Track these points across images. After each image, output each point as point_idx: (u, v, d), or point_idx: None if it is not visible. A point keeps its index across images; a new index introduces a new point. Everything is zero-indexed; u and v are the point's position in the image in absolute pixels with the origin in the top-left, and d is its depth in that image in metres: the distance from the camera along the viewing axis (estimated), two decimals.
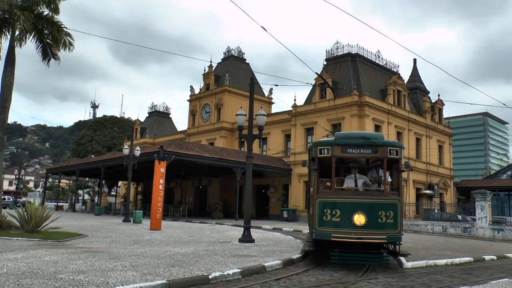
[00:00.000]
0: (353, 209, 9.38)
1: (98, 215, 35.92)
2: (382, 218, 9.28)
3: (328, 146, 9.98)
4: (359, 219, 9.21)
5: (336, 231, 9.36)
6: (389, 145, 9.81)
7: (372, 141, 9.96)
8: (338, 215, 9.46)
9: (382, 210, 9.34)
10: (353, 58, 43.15)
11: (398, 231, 9.41)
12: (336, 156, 9.92)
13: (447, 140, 49.92)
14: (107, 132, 68.59)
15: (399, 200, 9.60)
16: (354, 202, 9.58)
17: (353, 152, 9.94)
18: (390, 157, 9.81)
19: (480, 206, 25.74)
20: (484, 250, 15.74)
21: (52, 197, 77.09)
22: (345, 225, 9.33)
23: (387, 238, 9.37)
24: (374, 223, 9.27)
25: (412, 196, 41.69)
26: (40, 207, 14.62)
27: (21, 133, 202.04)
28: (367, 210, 9.34)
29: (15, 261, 8.07)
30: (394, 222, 9.35)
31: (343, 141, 10.02)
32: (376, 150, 9.87)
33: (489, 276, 9.49)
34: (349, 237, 9.21)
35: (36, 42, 17.53)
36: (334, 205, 9.61)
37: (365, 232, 9.20)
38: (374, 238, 9.23)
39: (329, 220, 9.50)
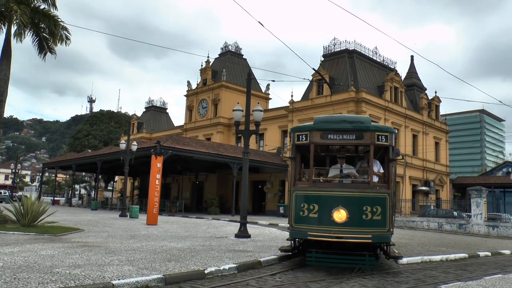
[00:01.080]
0: (333, 203, 8.24)
1: (95, 210, 35.90)
2: (367, 215, 8.09)
3: (306, 132, 8.82)
4: (340, 215, 8.06)
5: (313, 229, 8.29)
6: (376, 130, 8.57)
7: (357, 125, 8.68)
8: (316, 210, 8.32)
9: (367, 205, 8.14)
10: (351, 54, 43.18)
11: (386, 230, 8.16)
12: (315, 143, 8.78)
13: (444, 137, 50.07)
14: (104, 127, 68.46)
15: (388, 194, 8.33)
16: (334, 195, 8.43)
17: (335, 138, 8.70)
18: (378, 144, 8.59)
19: (475, 202, 25.89)
20: (479, 247, 15.84)
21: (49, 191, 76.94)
22: (324, 222, 8.22)
23: (373, 238, 8.08)
24: (357, 220, 8.11)
25: (408, 192, 41.84)
26: (36, 202, 14.61)
27: (17, 127, 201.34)
28: (349, 205, 8.18)
29: (11, 255, 8.08)
30: (381, 220, 8.11)
31: (323, 126, 8.80)
32: (361, 136, 8.60)
33: (483, 272, 9.56)
34: (327, 236, 8.12)
35: (33, 36, 17.48)
36: (312, 199, 8.48)
37: (346, 231, 8.06)
38: (356, 238, 8.05)
39: (306, 216, 8.38)
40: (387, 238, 8.34)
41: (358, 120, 8.93)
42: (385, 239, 8.39)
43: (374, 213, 8.09)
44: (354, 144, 9.31)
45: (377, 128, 8.70)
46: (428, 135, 46.81)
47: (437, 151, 48.59)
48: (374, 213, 8.09)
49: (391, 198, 8.37)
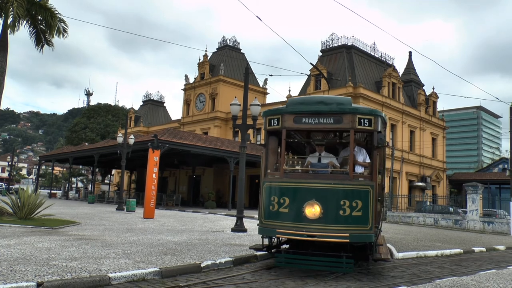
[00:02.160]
0: (305, 197, 7.23)
1: (92, 203, 35.90)
2: (345, 210, 7.07)
3: (278, 115, 7.81)
4: (313, 210, 7.07)
5: (283, 226, 7.34)
6: (358, 113, 7.46)
7: (334, 107, 7.58)
8: (287, 204, 7.35)
9: (345, 199, 7.12)
10: (349, 49, 43.15)
11: (368, 228, 7.08)
12: (287, 127, 7.76)
13: (441, 133, 50.19)
14: (101, 120, 68.27)
15: (371, 187, 7.24)
16: (307, 188, 7.40)
17: (309, 122, 7.62)
18: (359, 129, 7.48)
19: (471, 198, 26.00)
20: (474, 242, 15.93)
21: (45, 184, 76.87)
22: (295, 218, 7.25)
23: (351, 237, 7.01)
24: (333, 216, 7.11)
25: (404, 188, 41.98)
26: (33, 194, 14.60)
27: (14, 119, 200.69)
28: (323, 199, 7.16)
29: (8, 248, 8.09)
30: (362, 216, 7.07)
31: (296, 108, 7.77)
32: (340, 119, 7.49)
33: (478, 268, 9.63)
34: (297, 234, 7.21)
35: (30, 28, 17.41)
36: (282, 192, 7.52)
37: (320, 228, 7.08)
38: (331, 237, 7.07)
39: (276, 211, 7.45)
40: (369, 238, 7.16)
41: (336, 101, 7.75)
42: (366, 239, 7.19)
43: (353, 208, 7.06)
44: (332, 129, 8.07)
45: (359, 111, 7.57)
46: (425, 131, 46.91)
47: (434, 147, 48.72)
48: (354, 208, 7.06)
49: (375, 191, 7.27)
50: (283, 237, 7.48)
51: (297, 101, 8.10)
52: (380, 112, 7.82)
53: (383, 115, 7.89)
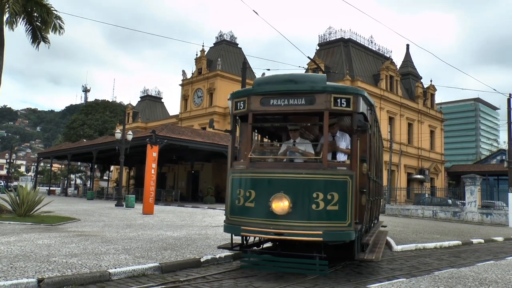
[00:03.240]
0: (273, 189, 6.33)
1: (91, 200, 35.92)
2: (319, 204, 6.16)
3: (244, 97, 6.92)
4: (281, 204, 6.17)
5: (249, 222, 6.48)
6: (333, 91, 6.46)
7: (306, 85, 6.61)
8: (253, 198, 6.49)
9: (318, 191, 6.21)
10: (346, 43, 43.12)
11: (347, 224, 6.19)
12: (254, 111, 6.79)
13: (439, 125, 50.28)
14: (99, 116, 68.20)
15: (350, 177, 6.32)
16: (274, 178, 6.49)
17: (278, 104, 6.63)
18: (335, 110, 6.49)
19: (469, 190, 26.10)
20: (472, 234, 16.00)
21: (44, 181, 76.83)
22: (262, 213, 6.36)
23: (325, 235, 6.09)
24: (304, 211, 6.22)
25: (403, 180, 42.09)
26: (32, 191, 14.60)
27: (11, 116, 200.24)
28: (293, 191, 6.25)
29: (7, 245, 8.10)
30: (339, 210, 6.18)
31: (262, 89, 6.79)
32: (312, 100, 6.49)
33: (476, 259, 9.68)
34: (263, 232, 6.39)
35: (26, 25, 17.32)
36: (248, 184, 6.68)
37: (289, 225, 6.18)
38: (301, 235, 6.19)
39: (241, 206, 6.62)
40: (347, 235, 6.24)
41: (308, 79, 6.79)
42: (344, 237, 6.26)
43: (328, 202, 6.16)
44: (304, 111, 6.85)
45: (335, 89, 6.55)
46: (423, 124, 46.97)
47: (432, 140, 48.82)
48: (329, 202, 6.16)
49: (356, 182, 6.38)
50: (247, 235, 6.65)
51: (264, 80, 7.09)
52: (361, 91, 6.84)
53: (365, 94, 6.92)
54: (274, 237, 6.57)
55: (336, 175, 6.40)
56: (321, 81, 6.63)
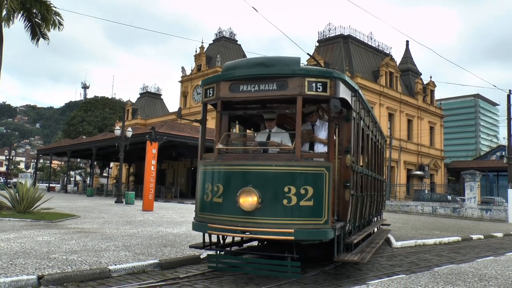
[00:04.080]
0: (240, 183, 5.82)
1: (90, 196, 35.93)
2: (290, 199, 5.61)
3: (213, 84, 6.40)
4: (249, 199, 5.63)
5: (216, 220, 5.97)
6: (308, 75, 5.89)
7: (277, 69, 6.01)
8: (221, 193, 6.00)
9: (290, 185, 5.65)
10: (345, 39, 43.06)
11: (323, 221, 5.64)
12: (223, 98, 6.27)
13: (439, 122, 50.28)
14: (99, 113, 68.13)
15: (327, 168, 5.75)
16: (243, 171, 5.98)
17: (248, 89, 6.08)
18: (310, 95, 5.88)
19: (469, 186, 26.13)
20: (472, 230, 16.03)
21: (44, 178, 76.85)
22: (230, 209, 5.85)
23: (297, 234, 5.55)
24: (274, 206, 5.66)
25: (403, 177, 42.12)
26: (32, 188, 14.60)
27: (10, 113, 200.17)
28: (263, 185, 5.70)
29: (7, 241, 8.10)
30: (314, 206, 5.63)
31: (232, 74, 6.26)
32: (285, 84, 5.92)
33: (476, 255, 9.69)
34: (230, 230, 5.87)
35: (25, 21, 17.31)
36: (216, 177, 6.18)
37: (257, 222, 5.66)
38: (270, 233, 5.66)
39: (210, 202, 6.13)
40: (323, 234, 5.72)
41: (280, 62, 6.13)
42: (319, 235, 5.74)
43: (301, 197, 5.61)
44: (276, 98, 6.23)
45: (309, 72, 5.99)
46: (423, 120, 46.97)
47: (432, 136, 48.83)
48: (302, 197, 5.61)
49: (333, 175, 5.89)
50: (213, 233, 6.13)
51: (233, 65, 6.49)
52: (340, 74, 6.21)
53: (346, 78, 6.33)
54: (241, 236, 6.14)
55: (310, 167, 5.85)
56: (294, 64, 6.03)
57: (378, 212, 11.20)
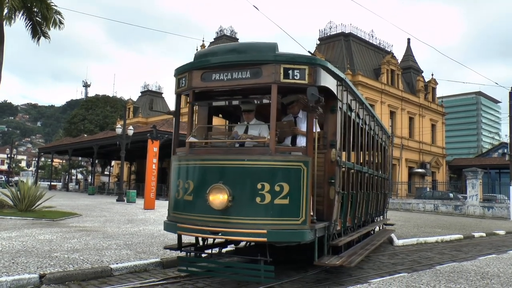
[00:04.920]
0: (210, 179, 5.36)
1: (92, 195, 35.97)
2: (264, 197, 5.14)
3: (185, 73, 5.98)
4: (220, 197, 5.16)
5: (186, 219, 5.56)
6: (283, 61, 5.39)
7: (250, 55, 5.58)
8: (191, 190, 5.56)
9: (264, 182, 5.18)
10: (347, 37, 42.99)
11: (300, 221, 5.18)
12: (195, 87, 5.87)
13: (440, 119, 50.20)
14: (100, 111, 68.13)
15: (305, 163, 5.28)
16: (213, 166, 5.54)
17: (221, 78, 5.65)
18: (286, 83, 5.40)
19: (471, 184, 26.10)
20: (474, 227, 16.01)
21: (45, 176, 76.92)
22: (199, 207, 5.42)
23: (270, 235, 5.10)
24: (246, 205, 5.21)
25: (404, 175, 42.08)
26: (33, 186, 14.61)
27: (11, 112, 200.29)
28: (234, 182, 5.25)
29: (9, 240, 8.10)
30: (290, 205, 5.17)
31: (203, 61, 5.83)
32: (259, 72, 5.45)
33: (478, 253, 9.68)
34: (199, 230, 5.42)
35: (26, 20, 17.28)
36: (187, 174, 5.75)
37: (228, 222, 5.21)
38: (241, 234, 5.23)
39: (181, 200, 5.72)
40: (300, 235, 5.23)
41: (254, 48, 5.72)
42: (295, 237, 5.26)
43: (276, 194, 5.15)
44: (250, 87, 5.76)
45: (285, 58, 5.46)
46: (425, 118, 46.90)
47: (434, 133, 48.77)
48: (277, 194, 5.15)
49: (311, 170, 5.36)
50: (183, 234, 5.69)
51: (205, 52, 6.06)
52: (321, 61, 5.77)
53: (329, 65, 5.87)
54: (211, 237, 5.70)
55: (286, 162, 5.34)
56: (269, 50, 5.55)
57: (379, 211, 10.74)
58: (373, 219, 10.16)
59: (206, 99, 6.68)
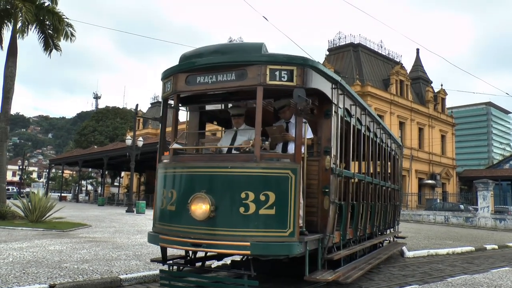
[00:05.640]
0: (192, 188, 5.09)
1: (102, 206, 36.10)
2: (248, 207, 4.83)
3: (171, 76, 5.69)
4: (203, 207, 4.88)
5: (169, 230, 5.27)
6: (269, 62, 5.08)
7: (234, 56, 5.30)
8: (174, 199, 5.28)
9: (248, 191, 4.87)
10: (356, 48, 43.08)
11: (287, 233, 4.84)
12: (180, 91, 5.60)
13: (450, 130, 49.88)
14: (110, 123, 68.64)
15: (293, 171, 4.95)
16: (196, 174, 5.25)
17: (206, 81, 5.33)
18: (273, 85, 5.07)
19: (482, 195, 25.82)
20: (485, 239, 15.80)
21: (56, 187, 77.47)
22: (182, 218, 5.12)
23: (253, 248, 4.74)
24: (229, 215, 4.91)
25: (414, 186, 41.76)
26: (44, 198, 14.72)
27: (24, 124, 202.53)
28: (217, 191, 4.97)
29: (20, 250, 8.16)
30: (277, 215, 4.85)
31: (188, 64, 5.51)
32: (244, 74, 5.13)
33: (490, 265, 9.54)
34: (181, 242, 5.07)
35: (38, 33, 17.60)
36: (170, 182, 5.49)
37: (211, 233, 4.91)
38: (224, 246, 4.88)
39: (164, 210, 5.43)
40: (287, 248, 4.86)
41: (238, 48, 5.58)
42: (282, 250, 4.89)
43: (261, 204, 4.82)
44: (235, 89, 5.46)
45: (271, 59, 5.14)
46: (434, 128, 46.63)
47: (443, 144, 48.43)
48: (262, 204, 4.82)
49: (299, 177, 5.00)
50: (165, 246, 5.38)
51: (189, 54, 5.71)
52: (312, 61, 5.37)
53: (320, 66, 5.52)
54: (191, 249, 5.34)
55: (272, 170, 5.01)
56: (254, 50, 5.25)
57: (389, 223, 10.23)
58: (382, 232, 9.77)
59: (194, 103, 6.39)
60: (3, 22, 17.18)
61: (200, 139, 6.80)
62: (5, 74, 16.41)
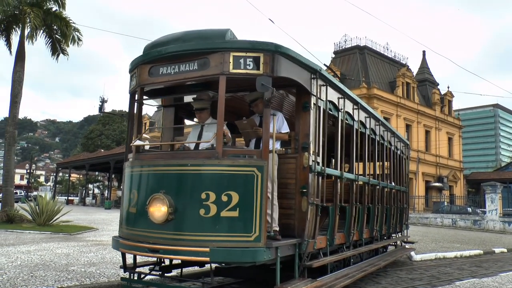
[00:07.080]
0: (152, 188, 4.69)
1: (108, 209, 36.21)
2: (209, 208, 4.39)
3: (135, 69, 5.29)
4: (162, 208, 4.45)
5: (129, 234, 4.91)
6: (232, 49, 4.61)
7: (195, 44, 4.81)
8: (135, 201, 4.87)
9: (208, 191, 4.43)
10: (362, 50, 43.02)
11: (252, 238, 4.37)
12: (144, 84, 5.15)
13: (457, 132, 49.61)
14: (116, 127, 68.95)
15: (259, 168, 4.47)
16: (154, 173, 4.84)
17: (168, 72, 4.90)
18: (237, 73, 4.58)
19: (490, 198, 25.63)
20: (494, 243, 15.69)
21: (63, 191, 77.79)
22: (142, 221, 4.71)
23: (213, 254, 4.28)
24: (188, 218, 4.47)
25: (421, 189, 41.55)
26: (51, 201, 14.80)
27: (31, 128, 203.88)
28: (176, 191, 4.56)
29: (28, 254, 8.20)
30: (241, 217, 4.39)
31: (150, 54, 5.07)
32: (206, 62, 4.66)
33: (499, 269, 9.47)
34: (138, 248, 4.67)
35: (46, 38, 17.74)
36: (132, 182, 5.05)
37: (169, 238, 4.49)
38: (182, 252, 4.44)
39: (127, 212, 5.04)
40: (252, 255, 4.40)
41: (201, 35, 4.98)
42: (246, 256, 4.42)
43: (223, 206, 4.38)
44: (198, 80, 4.90)
45: (235, 45, 4.69)
46: (441, 131, 46.41)
47: (450, 147, 48.18)
48: (224, 206, 4.38)
49: (265, 176, 4.48)
50: (125, 251, 5.00)
51: (152, 43, 5.28)
52: (281, 47, 4.77)
53: (293, 53, 4.91)
54: (148, 255, 4.83)
55: (235, 167, 4.53)
56: (217, 37, 4.79)
57: (393, 227, 9.71)
58: (385, 236, 9.26)
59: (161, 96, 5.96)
60: (11, 27, 17.34)
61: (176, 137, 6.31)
62: (13, 78, 16.54)
